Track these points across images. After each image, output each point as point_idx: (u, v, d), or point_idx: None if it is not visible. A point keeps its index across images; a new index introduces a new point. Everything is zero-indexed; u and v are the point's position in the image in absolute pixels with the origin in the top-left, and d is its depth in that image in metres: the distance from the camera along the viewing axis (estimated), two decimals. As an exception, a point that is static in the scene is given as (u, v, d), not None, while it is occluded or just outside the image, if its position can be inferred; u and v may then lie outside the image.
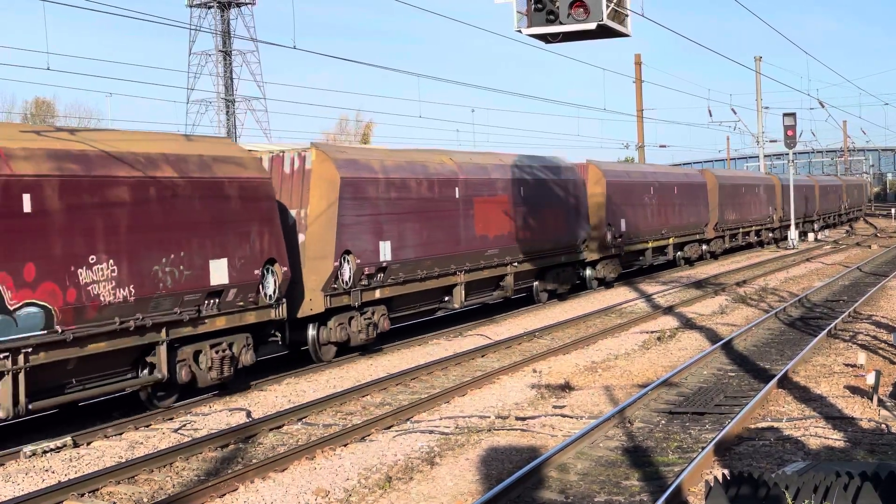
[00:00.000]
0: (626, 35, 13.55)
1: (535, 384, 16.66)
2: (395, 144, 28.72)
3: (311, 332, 18.83)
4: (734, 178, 48.54)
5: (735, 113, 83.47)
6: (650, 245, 35.82)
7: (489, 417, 14.22)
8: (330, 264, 18.45)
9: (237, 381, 16.56)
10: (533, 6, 12.77)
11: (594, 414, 14.26)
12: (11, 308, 12.52)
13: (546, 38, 13.10)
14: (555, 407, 14.94)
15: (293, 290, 17.79)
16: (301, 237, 18.48)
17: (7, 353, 12.53)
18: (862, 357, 16.77)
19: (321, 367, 18.68)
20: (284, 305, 17.27)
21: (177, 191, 15.01)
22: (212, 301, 15.58)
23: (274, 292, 16.84)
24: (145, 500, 10.97)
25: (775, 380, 15.59)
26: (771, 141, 67.30)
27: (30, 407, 12.93)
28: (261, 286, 16.54)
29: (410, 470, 11.59)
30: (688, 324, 23.66)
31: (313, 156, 18.83)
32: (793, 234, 52.71)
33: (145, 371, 14.90)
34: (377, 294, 20.14)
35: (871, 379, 14.22)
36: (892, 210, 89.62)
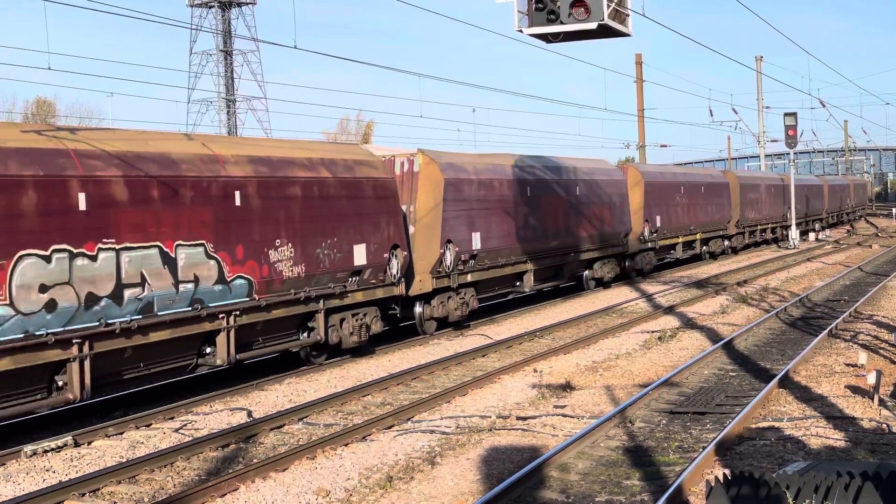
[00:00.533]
0: (627, 35, 13.55)
1: (536, 384, 16.66)
2: (396, 144, 28.79)
3: (418, 308, 22.19)
4: (753, 178, 51.51)
5: (736, 112, 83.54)
6: (681, 240, 39.31)
7: (490, 417, 14.23)
8: (436, 251, 21.93)
9: (369, 345, 20.03)
10: (534, 6, 12.77)
11: (595, 414, 14.26)
12: (228, 280, 15.99)
13: (547, 37, 13.10)
14: (556, 407, 14.94)
15: (405, 272, 20.93)
16: (412, 228, 21.81)
17: (224, 314, 15.93)
18: (863, 357, 16.77)
19: (322, 367, 18.71)
20: (404, 283, 20.71)
21: (331, 188, 18.55)
22: (353, 278, 19.15)
23: (397, 272, 20.32)
24: (146, 499, 10.96)
25: (776, 379, 15.59)
26: (772, 141, 67.29)
27: (238, 357, 16.32)
28: (388, 267, 20.03)
29: (411, 470, 11.59)
30: (689, 323, 23.66)
31: (420, 160, 22.16)
32: (794, 233, 52.71)
33: (305, 334, 18.25)
34: (469, 277, 23.56)
35: (871, 379, 14.22)
36: (893, 210, 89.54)
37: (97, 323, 13.80)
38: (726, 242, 45.91)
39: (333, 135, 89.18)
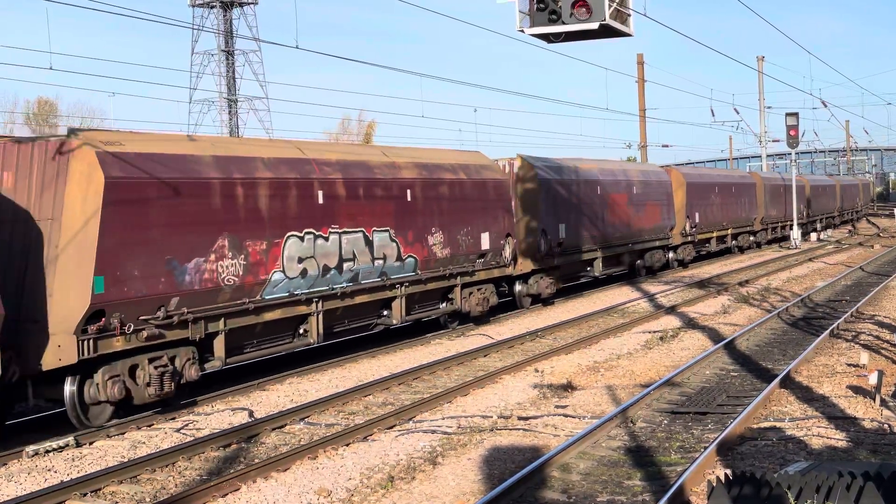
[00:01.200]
0: (629, 35, 13.54)
1: (538, 384, 16.66)
2: (397, 144, 28.94)
3: (518, 287, 26.77)
4: (776, 178, 55.60)
5: (738, 113, 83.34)
6: (715, 234, 43.42)
7: (491, 417, 14.23)
8: (535, 240, 26.44)
9: (488, 314, 24.23)
10: (535, 6, 12.76)
11: (596, 414, 14.26)
12: (403, 258, 20.52)
13: (548, 37, 13.08)
14: (557, 407, 14.94)
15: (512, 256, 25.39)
16: (514, 219, 25.84)
17: (399, 285, 20.45)
18: (864, 357, 16.77)
19: (323, 366, 18.72)
20: (514, 265, 25.25)
21: (467, 188, 23.06)
22: (480, 260, 23.47)
23: (509, 256, 24.65)
24: (148, 499, 10.97)
25: (777, 380, 15.59)
26: (773, 141, 67.32)
27: (406, 319, 20.97)
28: (503, 251, 24.29)
29: (413, 470, 11.59)
30: (690, 323, 23.66)
31: (518, 163, 26.78)
32: (795, 233, 52.71)
33: (445, 304, 22.65)
34: (555, 262, 27.80)
35: (873, 379, 14.21)
36: (895, 210, 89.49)
37: (327, 287, 18.38)
38: (752, 238, 49.85)
39: (335, 135, 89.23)
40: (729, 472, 7.27)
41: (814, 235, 59.10)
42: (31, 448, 12.84)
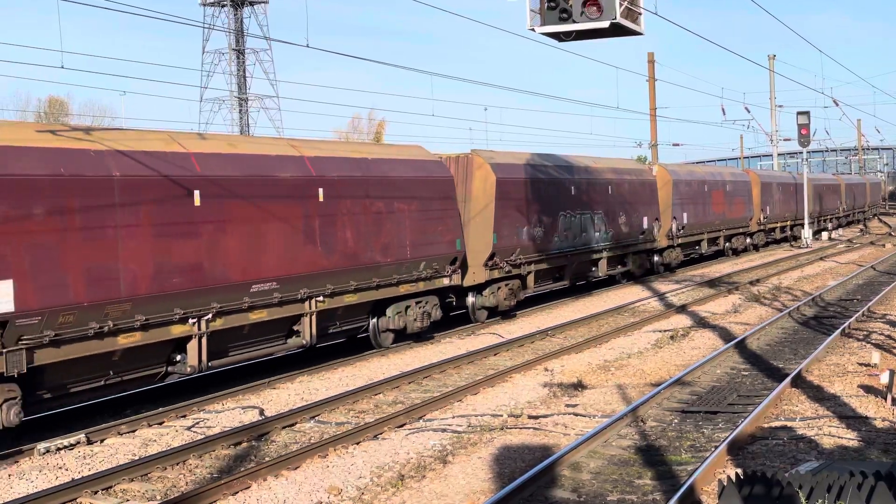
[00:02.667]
0: (640, 33, 13.52)
1: (548, 383, 16.65)
2: (408, 143, 28.85)
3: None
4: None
5: (748, 111, 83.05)
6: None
7: (502, 416, 14.22)
8: (668, 224, 34.32)
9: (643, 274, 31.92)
10: (546, 4, 12.75)
11: (607, 413, 14.25)
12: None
13: (559, 36, 13.08)
14: (567, 406, 14.93)
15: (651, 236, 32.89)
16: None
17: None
18: (876, 356, 16.72)
19: (333, 365, 18.72)
20: (657, 242, 34.34)
21: (633, 185, 32.31)
22: (640, 236, 32.49)
23: (657, 234, 34.34)
24: (158, 497, 10.99)
25: (789, 379, 15.55)
26: (785, 139, 67.06)
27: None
28: (651, 230, 33.87)
29: (423, 468, 11.60)
30: (701, 322, 23.62)
31: (657, 169, 32.33)
32: (807, 232, 52.57)
33: (621, 265, 31.19)
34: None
35: (885, 378, 14.17)
36: None
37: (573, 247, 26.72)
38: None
39: (345, 133, 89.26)
40: (740, 471, 7.26)
41: (825, 234, 58.93)
42: (42, 445, 12.87)
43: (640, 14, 13.36)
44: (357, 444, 12.83)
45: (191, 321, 15.10)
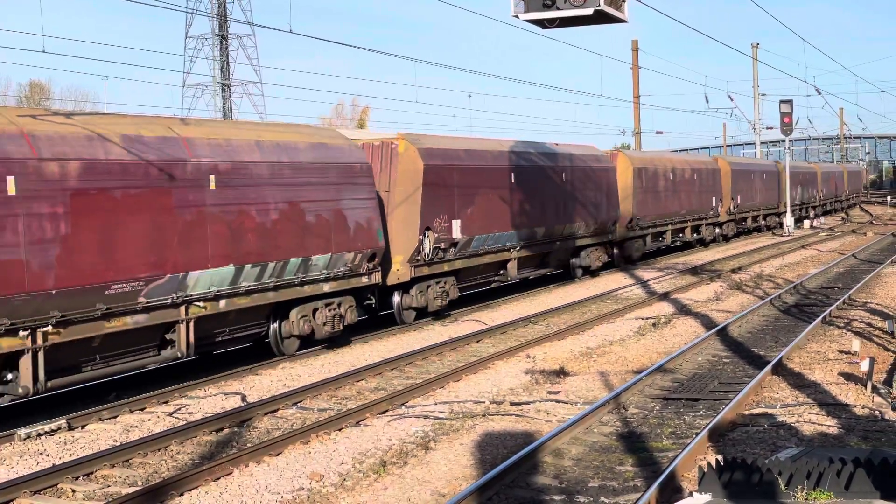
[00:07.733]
0: (623, 21, 13.52)
1: (530, 370, 16.68)
2: (393, 130, 28.76)
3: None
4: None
5: (732, 100, 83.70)
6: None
7: (484, 402, 14.24)
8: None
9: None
10: (530, -9, 12.73)
11: (589, 399, 14.28)
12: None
13: (543, 23, 13.07)
14: (549, 392, 14.96)
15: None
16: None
17: None
18: (856, 344, 16.81)
19: (316, 351, 18.70)
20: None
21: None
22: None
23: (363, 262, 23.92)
24: (140, 483, 10.96)
25: (770, 366, 15.62)
26: (768, 128, 67.43)
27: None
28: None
29: (405, 454, 11.61)
30: (683, 310, 23.70)
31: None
32: (788, 220, 52.75)
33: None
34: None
35: (865, 366, 14.25)
36: (888, 197, 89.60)
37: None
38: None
39: (329, 119, 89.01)
40: (720, 457, 7.29)
41: (806, 223, 59.16)
42: (23, 431, 12.82)
43: (623, 1, 13.35)
44: (339, 430, 12.83)
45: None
